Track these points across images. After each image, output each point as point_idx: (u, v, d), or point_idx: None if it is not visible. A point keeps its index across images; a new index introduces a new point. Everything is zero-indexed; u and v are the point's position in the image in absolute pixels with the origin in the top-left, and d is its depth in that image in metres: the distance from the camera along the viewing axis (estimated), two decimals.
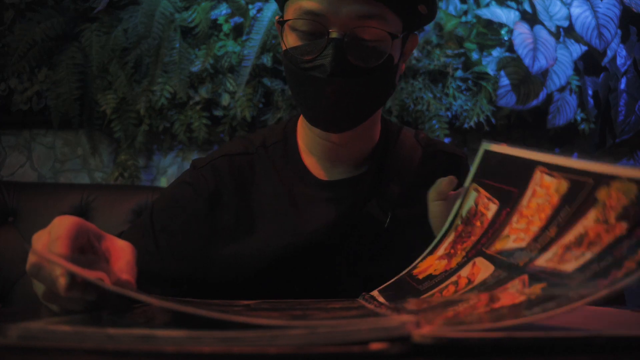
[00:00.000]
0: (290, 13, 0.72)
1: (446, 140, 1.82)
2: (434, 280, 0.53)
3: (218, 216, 0.82)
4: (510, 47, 1.79)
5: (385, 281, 0.75)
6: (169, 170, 1.92)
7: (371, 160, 0.83)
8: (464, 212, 0.60)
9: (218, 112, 1.83)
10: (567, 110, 1.80)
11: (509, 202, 0.51)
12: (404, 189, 0.82)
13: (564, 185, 0.43)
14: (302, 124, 0.84)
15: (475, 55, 1.81)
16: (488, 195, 0.57)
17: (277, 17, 0.77)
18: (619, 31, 1.79)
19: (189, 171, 0.85)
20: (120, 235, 0.79)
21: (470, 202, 0.60)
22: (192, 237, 0.81)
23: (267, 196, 0.82)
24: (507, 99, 1.78)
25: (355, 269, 0.80)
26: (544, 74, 1.76)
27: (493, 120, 1.82)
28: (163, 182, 1.91)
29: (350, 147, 0.81)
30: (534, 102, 1.78)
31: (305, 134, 0.84)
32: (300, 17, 0.69)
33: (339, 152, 0.81)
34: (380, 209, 0.80)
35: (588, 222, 0.39)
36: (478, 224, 0.55)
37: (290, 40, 0.72)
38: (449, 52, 1.80)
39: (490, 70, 1.80)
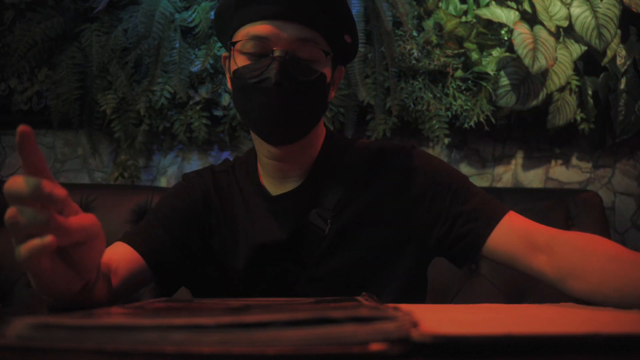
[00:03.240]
0: (239, 38, 0.83)
1: (446, 140, 1.82)
2: None
3: (209, 216, 0.92)
4: (510, 47, 1.79)
5: (335, 281, 0.88)
6: (169, 170, 1.92)
7: (309, 173, 0.91)
8: None
9: (218, 112, 1.83)
10: (567, 110, 1.80)
11: None
12: (343, 196, 0.89)
13: None
14: (257, 147, 0.93)
15: (475, 55, 1.81)
16: None
17: (224, 54, 0.90)
18: (619, 31, 1.79)
19: (182, 181, 0.97)
20: (129, 232, 0.90)
21: None
22: (190, 228, 0.91)
23: (235, 210, 0.93)
24: (507, 99, 1.78)
25: (304, 273, 0.89)
26: (544, 74, 1.77)
27: (493, 120, 1.82)
28: (163, 182, 1.91)
29: (291, 162, 0.90)
30: (534, 102, 1.78)
31: (259, 157, 0.93)
32: (248, 40, 0.81)
33: (282, 167, 0.90)
34: (320, 218, 0.88)
35: None
36: None
37: (239, 61, 0.83)
38: (449, 52, 1.80)
39: (490, 70, 1.80)
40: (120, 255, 0.82)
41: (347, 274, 0.88)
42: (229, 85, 0.90)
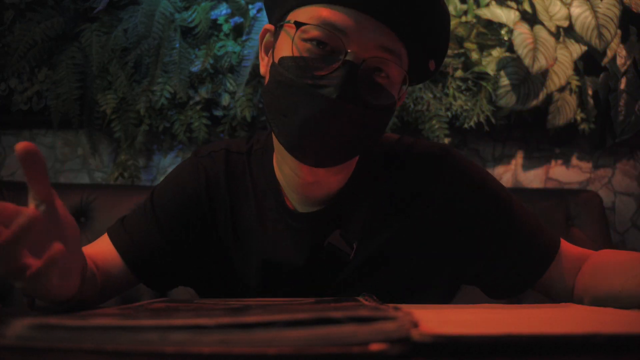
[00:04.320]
0: (304, 17, 0.64)
1: (446, 140, 1.82)
2: None
3: (213, 209, 0.80)
4: (510, 47, 1.79)
5: None
6: (169, 170, 1.91)
7: (338, 197, 0.77)
8: None
9: (218, 112, 1.83)
10: (567, 110, 1.80)
11: None
12: (373, 216, 0.76)
13: None
14: (278, 152, 0.76)
15: (475, 55, 1.81)
16: None
17: (266, 26, 0.72)
18: (619, 31, 1.79)
19: (190, 158, 0.84)
20: (123, 220, 0.81)
21: None
22: (188, 221, 0.79)
23: (245, 207, 0.79)
24: (507, 99, 1.78)
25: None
26: (544, 74, 1.76)
27: (493, 120, 1.82)
28: None
29: (319, 183, 0.74)
30: (534, 102, 1.77)
31: (280, 164, 0.77)
32: (317, 26, 0.62)
33: (306, 186, 0.74)
34: (345, 240, 0.75)
35: None
36: None
37: (295, 49, 0.64)
38: (449, 52, 1.80)
39: (490, 70, 1.80)
40: (101, 251, 0.76)
41: None
42: (261, 67, 0.72)
